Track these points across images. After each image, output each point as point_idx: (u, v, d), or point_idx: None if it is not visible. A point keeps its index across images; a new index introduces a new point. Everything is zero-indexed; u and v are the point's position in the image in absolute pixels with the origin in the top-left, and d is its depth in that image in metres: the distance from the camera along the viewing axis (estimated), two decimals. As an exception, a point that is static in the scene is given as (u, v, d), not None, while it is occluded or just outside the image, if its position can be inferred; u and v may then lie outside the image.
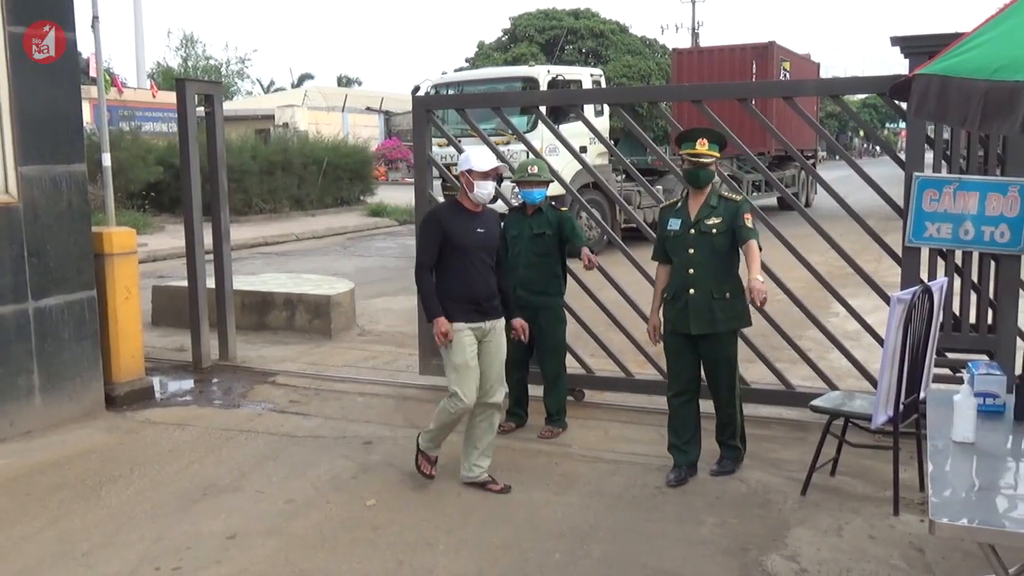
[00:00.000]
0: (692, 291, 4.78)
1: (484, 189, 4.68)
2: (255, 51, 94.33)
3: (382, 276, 13.13)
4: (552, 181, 5.81)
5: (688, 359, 4.93)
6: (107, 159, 12.27)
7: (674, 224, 4.88)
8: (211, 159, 7.61)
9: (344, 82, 59.37)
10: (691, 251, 4.80)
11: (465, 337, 4.66)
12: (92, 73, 14.04)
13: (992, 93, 2.35)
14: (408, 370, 7.32)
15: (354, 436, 5.79)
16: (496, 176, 4.78)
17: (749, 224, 4.75)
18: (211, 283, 7.77)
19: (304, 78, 57.59)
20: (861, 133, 59.82)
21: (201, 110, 7.67)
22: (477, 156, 4.75)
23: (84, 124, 6.48)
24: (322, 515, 4.55)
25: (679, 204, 4.96)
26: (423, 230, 4.79)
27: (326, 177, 23.42)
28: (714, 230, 4.75)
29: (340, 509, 4.63)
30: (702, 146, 4.76)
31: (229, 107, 35.40)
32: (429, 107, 6.97)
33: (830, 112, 41.53)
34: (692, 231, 4.81)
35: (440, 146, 12.56)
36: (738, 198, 4.89)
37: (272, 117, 33.60)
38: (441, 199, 8.09)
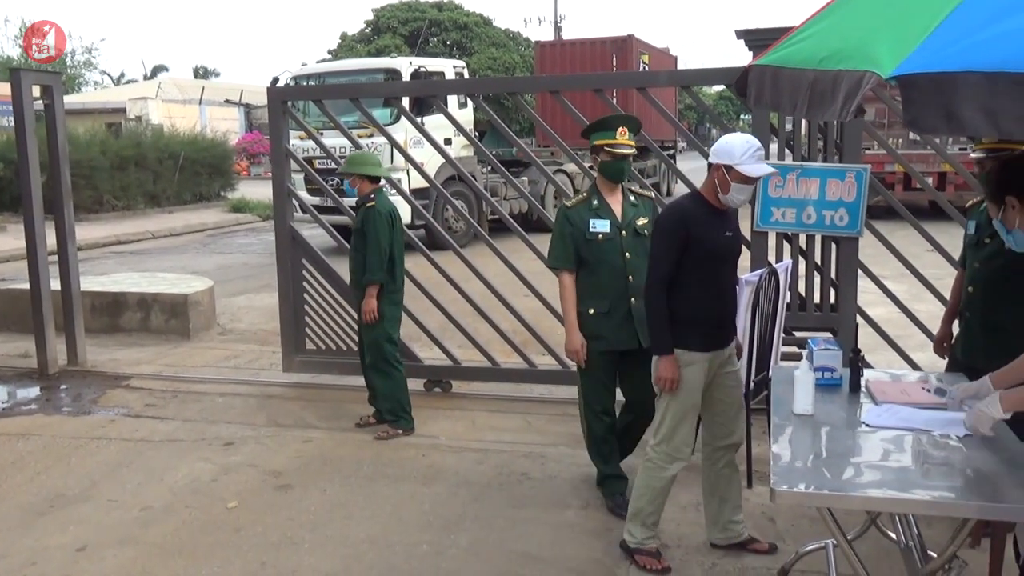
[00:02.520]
0: (634, 300, 4.21)
1: (741, 195, 3.58)
2: (103, 40, 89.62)
3: (244, 273, 12.75)
4: (371, 176, 5.51)
5: (613, 376, 4.46)
6: (-63, 155, 11.45)
7: (600, 226, 4.24)
8: (52, 154, 7.20)
9: (201, 74, 57.25)
10: (628, 255, 4.24)
11: (701, 371, 3.70)
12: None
13: (817, 82, 2.48)
14: (271, 368, 7.16)
15: (214, 438, 5.60)
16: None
17: None
18: (57, 285, 7.36)
19: (158, 69, 55.11)
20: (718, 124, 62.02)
21: (41, 102, 7.24)
22: (745, 151, 3.50)
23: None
24: (180, 520, 4.40)
25: (595, 202, 4.30)
26: (664, 234, 3.65)
27: (183, 172, 22.53)
28: (646, 231, 4.25)
29: (200, 513, 4.48)
30: (623, 136, 4.19)
31: (76, 99, 33.65)
32: (286, 99, 6.78)
33: (689, 104, 42.88)
34: (624, 233, 4.26)
35: (301, 138, 12.29)
36: (651, 194, 4.56)
37: (124, 110, 32.01)
38: (303, 194, 7.93)
